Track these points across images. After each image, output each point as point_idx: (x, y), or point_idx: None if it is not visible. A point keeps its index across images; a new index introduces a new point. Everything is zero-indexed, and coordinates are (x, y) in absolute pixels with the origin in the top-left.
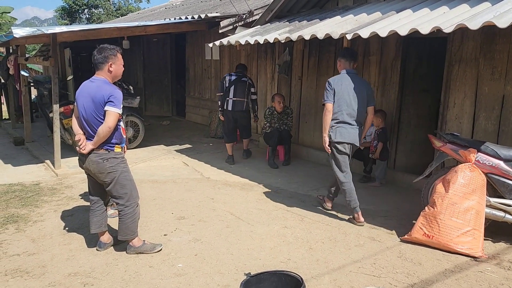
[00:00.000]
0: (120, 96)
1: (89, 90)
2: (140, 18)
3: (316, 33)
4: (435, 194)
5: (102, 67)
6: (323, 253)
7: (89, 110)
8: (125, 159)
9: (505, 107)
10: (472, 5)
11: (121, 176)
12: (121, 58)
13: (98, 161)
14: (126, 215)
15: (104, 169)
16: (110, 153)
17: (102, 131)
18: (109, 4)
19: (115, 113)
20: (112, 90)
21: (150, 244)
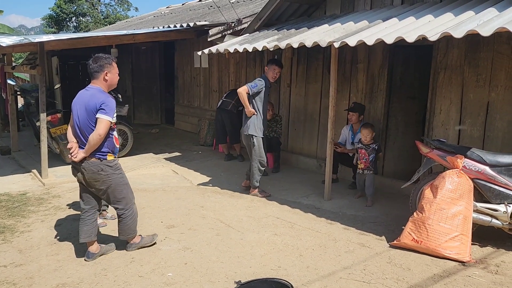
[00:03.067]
0: (113, 105)
1: (84, 99)
2: (129, 26)
3: (304, 41)
4: (423, 199)
5: (98, 76)
6: (313, 260)
7: (82, 118)
8: (118, 164)
9: (489, 114)
10: (456, 14)
11: (116, 182)
12: (116, 67)
13: (92, 170)
14: (127, 217)
15: (99, 177)
16: (102, 162)
17: (93, 138)
18: (97, 12)
19: (106, 120)
20: (105, 98)
21: (148, 237)
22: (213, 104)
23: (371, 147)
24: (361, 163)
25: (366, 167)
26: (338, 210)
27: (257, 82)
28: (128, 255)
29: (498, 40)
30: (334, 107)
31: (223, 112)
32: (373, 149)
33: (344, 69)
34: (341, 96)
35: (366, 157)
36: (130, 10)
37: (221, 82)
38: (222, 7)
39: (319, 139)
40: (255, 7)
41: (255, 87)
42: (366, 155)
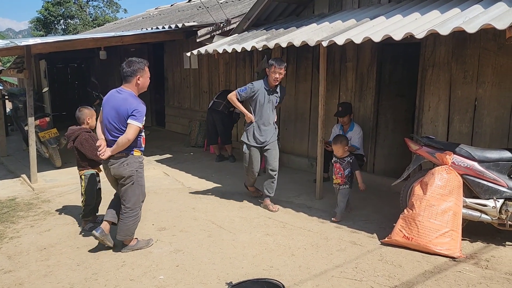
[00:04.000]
0: (143, 111)
1: (115, 101)
2: (117, 28)
3: (293, 40)
4: (414, 196)
5: (130, 80)
6: (305, 259)
7: (112, 119)
8: (142, 164)
9: (477, 110)
10: (442, 11)
11: (136, 180)
12: (148, 71)
13: (119, 165)
14: (129, 217)
15: (125, 172)
16: (129, 157)
17: (122, 141)
18: (85, 14)
19: (136, 126)
20: (137, 104)
21: (144, 241)
22: (203, 105)
23: (345, 160)
24: (336, 178)
25: (343, 183)
26: (330, 209)
27: (247, 86)
28: (119, 258)
29: (484, 36)
30: (324, 106)
31: (214, 112)
32: (348, 162)
33: (333, 67)
34: (330, 95)
35: (342, 172)
36: (119, 12)
37: (211, 83)
38: (210, 8)
39: (310, 138)
40: (243, 7)
41: (244, 91)
42: (341, 169)
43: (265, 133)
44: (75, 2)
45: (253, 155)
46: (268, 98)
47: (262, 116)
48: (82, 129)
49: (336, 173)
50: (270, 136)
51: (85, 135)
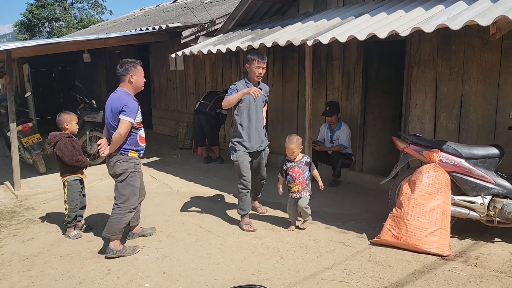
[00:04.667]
0: (134, 107)
1: (111, 101)
2: (101, 30)
3: (278, 40)
4: (402, 195)
5: (124, 79)
6: (294, 262)
7: (109, 118)
8: (138, 165)
9: (464, 106)
10: (427, 8)
11: (128, 178)
12: (142, 70)
13: (114, 164)
14: (115, 215)
15: (118, 170)
16: (123, 157)
17: (115, 137)
18: (70, 17)
19: (126, 121)
20: (128, 100)
21: (129, 248)
22: (190, 107)
23: (303, 162)
24: (296, 184)
25: (304, 189)
26: (319, 209)
27: (231, 88)
28: (104, 266)
29: (469, 33)
30: (310, 105)
31: (201, 114)
32: (306, 163)
33: (319, 66)
34: (317, 94)
35: (302, 175)
36: (105, 14)
37: (197, 84)
38: (195, 8)
39: None
40: (228, 7)
41: (231, 93)
42: (301, 172)
43: (256, 137)
44: (59, 5)
45: (243, 161)
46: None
47: (251, 118)
48: (62, 134)
49: (296, 178)
50: (262, 141)
51: (65, 140)
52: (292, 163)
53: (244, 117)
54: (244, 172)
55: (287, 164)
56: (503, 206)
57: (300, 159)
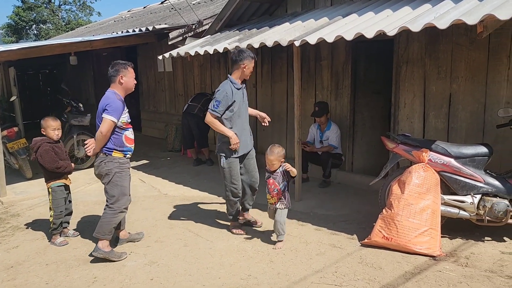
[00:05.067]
0: (117, 106)
1: (100, 101)
2: (88, 32)
3: (265, 41)
4: (392, 196)
5: (114, 80)
6: (284, 265)
7: (97, 118)
8: (124, 165)
9: (452, 105)
10: (414, 7)
11: (113, 179)
12: (133, 71)
13: (99, 164)
14: (105, 215)
15: (102, 171)
16: (107, 157)
17: (97, 136)
18: (57, 19)
19: (108, 120)
20: (111, 100)
21: (117, 253)
22: (179, 109)
23: (278, 172)
24: (272, 196)
25: (279, 201)
26: (309, 211)
27: (219, 96)
28: (90, 274)
29: (456, 32)
30: (299, 106)
31: (189, 116)
32: (281, 173)
33: (308, 66)
34: (307, 94)
35: (277, 188)
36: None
37: (186, 86)
38: (183, 9)
39: (288, 138)
40: (216, 8)
41: (219, 104)
42: (276, 184)
43: (246, 140)
44: (46, 7)
45: (235, 168)
46: (242, 97)
47: (242, 121)
48: (44, 140)
49: (272, 190)
50: (250, 142)
51: (46, 146)
52: (268, 174)
53: (236, 122)
54: (235, 179)
55: (266, 174)
56: (492, 205)
57: (276, 170)
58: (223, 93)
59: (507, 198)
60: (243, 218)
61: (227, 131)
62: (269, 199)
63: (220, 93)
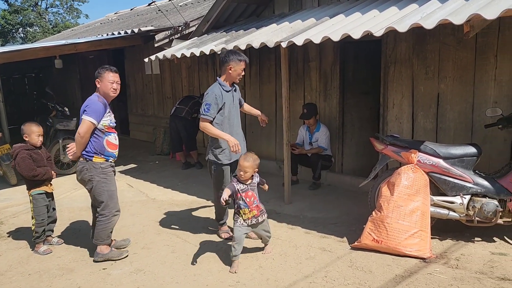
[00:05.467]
0: (97, 107)
1: None
2: (74, 35)
3: (252, 42)
4: (381, 198)
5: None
6: (273, 270)
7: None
8: (107, 170)
9: (440, 105)
10: (400, 8)
11: (98, 185)
12: (111, 76)
13: (80, 169)
14: (100, 222)
15: (84, 177)
16: (88, 163)
17: (76, 138)
18: (44, 22)
19: (86, 121)
20: (92, 102)
21: (117, 251)
22: (167, 112)
23: (255, 183)
24: (251, 210)
25: (260, 212)
26: (299, 214)
27: (208, 99)
28: (74, 284)
29: (443, 31)
30: (288, 108)
31: (177, 119)
32: (257, 183)
33: (296, 68)
34: (295, 96)
35: (256, 198)
36: (80, 18)
37: (174, 88)
38: (170, 11)
39: (277, 140)
40: (203, 10)
41: (210, 108)
42: (255, 196)
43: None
44: (33, 10)
45: (226, 175)
46: (232, 100)
47: (233, 125)
48: (22, 146)
49: (251, 204)
50: (243, 148)
51: (23, 153)
52: (245, 186)
53: (226, 126)
54: (220, 187)
55: (238, 186)
56: (482, 205)
57: (253, 181)
58: (212, 95)
59: (496, 198)
60: None
61: (223, 134)
62: (247, 213)
63: (209, 96)
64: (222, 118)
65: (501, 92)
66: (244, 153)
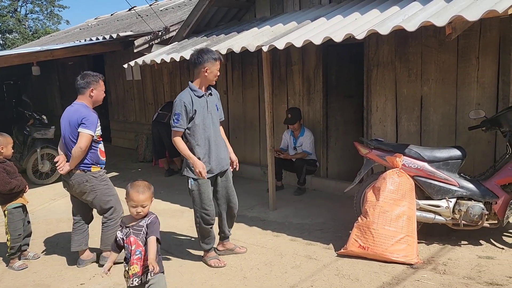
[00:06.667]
0: (94, 119)
1: (68, 114)
2: (53, 41)
3: (233, 46)
4: (367, 203)
5: (84, 92)
6: (258, 281)
7: (67, 132)
8: (104, 176)
9: (424, 107)
10: (382, 10)
11: (102, 193)
12: (103, 85)
13: (78, 181)
14: (108, 227)
15: (85, 189)
16: (87, 174)
17: (75, 151)
18: (24, 28)
19: (87, 134)
20: (87, 113)
21: None
22: (149, 118)
23: (142, 226)
24: (133, 264)
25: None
26: (284, 220)
27: (177, 108)
28: None
29: (425, 33)
30: (271, 113)
31: (159, 125)
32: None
33: (279, 72)
34: (278, 100)
35: (141, 248)
36: (61, 24)
37: (156, 94)
38: (150, 16)
39: (261, 146)
40: (183, 14)
41: (180, 117)
42: (139, 244)
43: (219, 156)
44: (12, 16)
45: (205, 190)
46: (206, 108)
47: (210, 134)
48: None
49: (133, 254)
50: (225, 157)
51: None
52: (127, 229)
53: (201, 136)
54: (207, 204)
55: (124, 230)
56: (467, 209)
57: (139, 222)
58: (181, 103)
59: (482, 201)
60: (223, 248)
61: (190, 156)
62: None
63: (177, 105)
64: (194, 127)
65: (484, 94)
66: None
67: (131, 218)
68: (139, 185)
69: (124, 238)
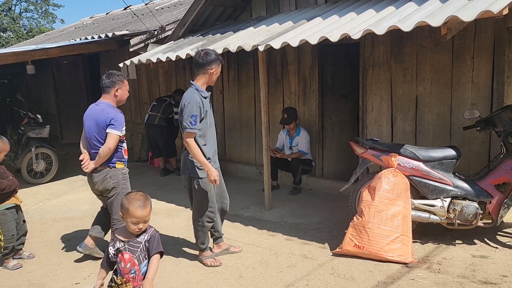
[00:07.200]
0: (122, 119)
1: (94, 113)
2: (48, 39)
3: (229, 46)
4: (362, 203)
5: (109, 91)
6: (253, 280)
7: (92, 131)
8: (126, 175)
9: (419, 107)
10: (378, 10)
11: (122, 190)
12: (127, 84)
13: (103, 178)
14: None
15: (109, 185)
16: (112, 170)
17: (103, 151)
18: (18, 27)
19: (115, 135)
20: (115, 113)
21: None
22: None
23: (141, 242)
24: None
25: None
26: (280, 219)
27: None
28: None
29: (420, 34)
30: (266, 112)
31: (151, 128)
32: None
33: (275, 71)
34: (274, 100)
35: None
36: (56, 23)
37: (151, 94)
38: (145, 15)
39: (257, 145)
40: (179, 13)
41: (196, 119)
42: (134, 262)
43: (215, 153)
44: (6, 14)
45: (211, 189)
46: (210, 107)
47: (214, 132)
48: None
49: (126, 272)
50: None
51: None
52: (122, 244)
53: (209, 136)
54: (212, 202)
55: (116, 245)
56: (462, 208)
57: (137, 238)
58: (195, 104)
59: (476, 200)
60: (219, 249)
61: (205, 163)
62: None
63: (191, 106)
64: (205, 128)
65: (479, 94)
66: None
67: (126, 232)
68: (137, 199)
69: (116, 254)
